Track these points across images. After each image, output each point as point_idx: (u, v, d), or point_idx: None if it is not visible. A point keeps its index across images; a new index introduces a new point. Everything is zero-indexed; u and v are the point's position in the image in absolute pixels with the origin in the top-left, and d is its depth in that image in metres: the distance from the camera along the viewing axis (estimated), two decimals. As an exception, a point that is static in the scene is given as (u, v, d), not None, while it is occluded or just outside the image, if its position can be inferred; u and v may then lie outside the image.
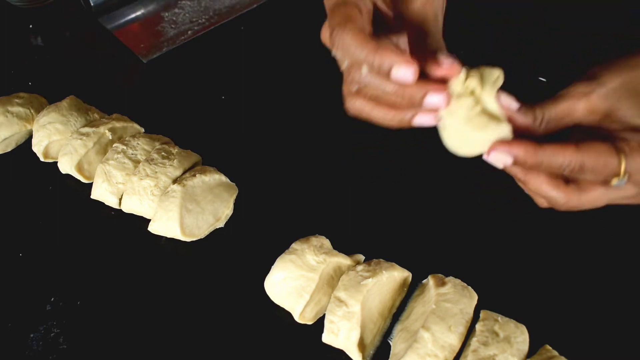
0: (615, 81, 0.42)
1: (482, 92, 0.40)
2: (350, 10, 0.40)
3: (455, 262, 0.53)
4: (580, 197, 0.41)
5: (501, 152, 0.39)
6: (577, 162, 0.39)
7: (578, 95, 0.42)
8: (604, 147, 0.39)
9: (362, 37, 0.38)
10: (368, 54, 0.38)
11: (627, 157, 0.39)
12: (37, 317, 0.52)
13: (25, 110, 0.66)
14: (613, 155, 0.39)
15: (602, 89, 0.42)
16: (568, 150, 0.39)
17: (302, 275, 0.50)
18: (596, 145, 0.39)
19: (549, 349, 0.46)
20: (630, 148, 0.39)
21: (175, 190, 0.57)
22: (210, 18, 0.85)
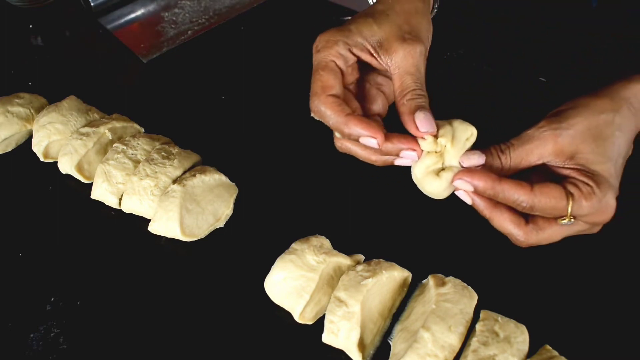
0: (582, 124, 0.45)
1: (450, 151, 0.45)
2: (326, 77, 0.46)
3: (455, 262, 0.53)
4: (538, 235, 0.45)
5: (464, 181, 0.44)
6: (529, 203, 0.43)
7: (546, 138, 0.45)
8: (555, 193, 0.43)
9: (335, 108, 0.45)
10: (339, 125, 0.45)
11: (574, 203, 0.43)
12: (37, 317, 0.52)
13: (25, 110, 0.66)
14: (562, 201, 0.43)
15: (569, 132, 0.45)
16: (524, 189, 0.43)
17: (302, 275, 0.50)
18: (549, 190, 0.43)
19: (549, 349, 0.46)
20: (579, 194, 0.43)
21: (175, 190, 0.57)
22: (210, 18, 0.85)
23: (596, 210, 0.44)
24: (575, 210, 0.43)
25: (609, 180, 0.44)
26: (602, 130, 0.45)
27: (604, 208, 0.44)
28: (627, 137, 0.47)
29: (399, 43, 0.47)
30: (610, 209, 0.44)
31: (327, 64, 0.47)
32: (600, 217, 0.45)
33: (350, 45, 0.48)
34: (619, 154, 0.46)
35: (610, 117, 0.46)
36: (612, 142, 0.45)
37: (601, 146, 0.45)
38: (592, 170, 0.44)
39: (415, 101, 0.45)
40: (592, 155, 0.44)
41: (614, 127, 0.45)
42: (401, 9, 0.49)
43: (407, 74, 0.47)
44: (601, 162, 0.44)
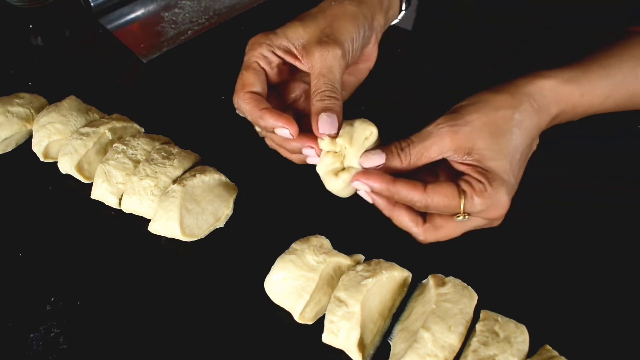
0: (478, 121, 0.46)
1: (350, 151, 0.46)
2: (247, 76, 0.50)
3: (455, 262, 0.53)
4: (436, 233, 0.47)
5: (361, 182, 0.45)
6: (423, 202, 0.44)
7: (443, 134, 0.45)
8: (448, 191, 0.44)
9: (252, 103, 0.48)
10: (255, 118, 0.48)
11: (466, 200, 0.44)
12: (37, 317, 0.52)
13: (26, 110, 0.66)
14: (455, 199, 0.44)
15: (465, 128, 0.45)
16: (417, 190, 0.44)
17: (302, 275, 0.50)
18: (441, 189, 0.44)
19: (549, 349, 0.46)
20: (471, 192, 0.44)
21: (175, 190, 0.57)
22: (210, 18, 0.85)
23: (488, 206, 0.45)
24: (468, 207, 0.44)
25: (502, 177, 0.45)
26: (499, 127, 0.46)
27: (496, 204, 0.45)
28: (528, 133, 0.47)
29: (316, 45, 0.49)
30: (502, 205, 0.45)
31: (250, 64, 0.50)
32: (493, 212, 0.45)
33: (274, 47, 0.50)
34: (515, 150, 0.46)
35: (509, 114, 0.46)
36: (509, 138, 0.46)
37: (497, 143, 0.45)
38: (486, 166, 0.45)
39: (323, 102, 0.47)
40: (487, 151, 0.45)
41: (512, 123, 0.46)
42: (330, 13, 0.51)
43: (320, 75, 0.48)
44: (496, 159, 0.45)
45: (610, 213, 0.59)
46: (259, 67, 0.50)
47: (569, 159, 0.64)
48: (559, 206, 0.59)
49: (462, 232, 0.48)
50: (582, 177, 0.62)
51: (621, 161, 0.64)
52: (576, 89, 0.49)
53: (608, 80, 0.50)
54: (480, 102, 0.47)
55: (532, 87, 0.48)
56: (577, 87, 0.49)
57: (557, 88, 0.48)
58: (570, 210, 0.59)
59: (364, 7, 0.53)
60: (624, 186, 0.61)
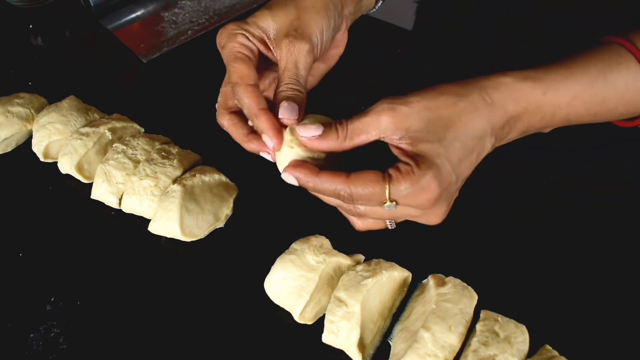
0: (419, 104, 0.44)
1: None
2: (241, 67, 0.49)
3: (455, 262, 0.53)
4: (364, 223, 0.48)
5: (287, 174, 0.46)
6: (347, 191, 0.43)
7: (381, 111, 0.44)
8: (372, 177, 0.42)
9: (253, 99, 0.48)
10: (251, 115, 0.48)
11: (392, 185, 0.42)
12: (37, 317, 0.52)
13: (26, 110, 0.66)
14: (379, 185, 0.42)
15: (405, 107, 0.44)
16: (339, 178, 0.43)
17: (302, 275, 0.50)
18: (365, 175, 0.43)
19: (549, 349, 0.46)
20: (397, 175, 0.43)
21: (175, 190, 0.57)
22: (210, 18, 0.85)
23: (415, 190, 0.42)
24: (393, 192, 0.42)
25: (434, 160, 0.42)
26: (438, 111, 0.44)
27: (423, 187, 0.42)
28: (474, 125, 0.45)
29: (283, 38, 0.50)
30: (430, 190, 0.42)
31: (236, 55, 0.50)
32: (420, 197, 0.43)
33: (250, 36, 0.50)
34: (455, 138, 0.44)
35: (452, 100, 0.45)
36: (447, 124, 0.44)
37: (433, 126, 0.43)
38: (417, 149, 0.43)
39: (286, 93, 0.48)
40: (422, 133, 0.43)
41: (454, 110, 0.44)
42: (300, 3, 0.51)
43: (286, 69, 0.49)
44: (429, 141, 0.43)
45: (610, 213, 0.59)
46: (245, 57, 0.50)
47: (569, 159, 0.64)
48: (559, 206, 0.59)
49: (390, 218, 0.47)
50: (582, 177, 0.62)
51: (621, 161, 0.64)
52: (537, 87, 0.48)
53: (572, 81, 0.49)
54: (429, 89, 0.46)
55: (486, 81, 0.47)
56: (539, 84, 0.48)
57: (515, 84, 0.47)
58: (570, 210, 0.59)
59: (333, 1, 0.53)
60: (624, 186, 0.61)
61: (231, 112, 0.52)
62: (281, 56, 0.50)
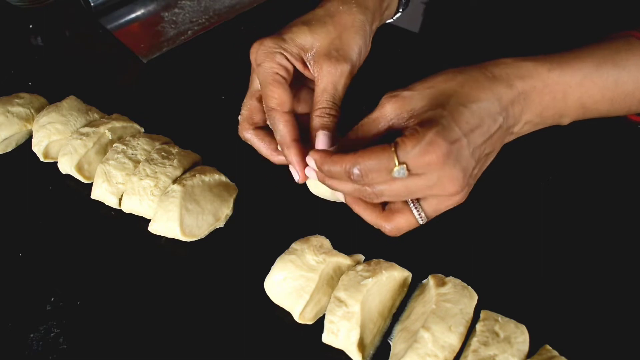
0: (420, 85, 0.44)
1: None
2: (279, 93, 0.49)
3: (455, 262, 0.53)
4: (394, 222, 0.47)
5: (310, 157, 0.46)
6: (355, 165, 0.42)
7: (385, 100, 0.44)
8: (378, 147, 0.42)
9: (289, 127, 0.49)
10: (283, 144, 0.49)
11: (398, 149, 0.41)
12: (37, 317, 0.52)
13: (26, 110, 0.66)
14: (386, 151, 0.41)
15: (405, 92, 0.44)
16: (348, 156, 0.43)
17: (301, 276, 0.50)
18: (372, 147, 0.42)
19: (549, 349, 0.46)
20: (402, 140, 0.41)
21: (175, 190, 0.57)
22: (210, 18, 0.85)
23: (420, 148, 0.41)
24: (401, 155, 0.41)
25: (437, 120, 0.42)
26: (439, 87, 0.44)
27: (429, 143, 0.41)
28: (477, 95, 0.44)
29: (325, 59, 0.49)
30: (437, 144, 0.41)
31: (274, 77, 0.49)
32: (428, 155, 0.41)
33: (288, 55, 0.50)
34: (458, 102, 0.43)
35: (452, 75, 0.45)
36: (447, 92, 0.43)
37: (436, 99, 0.43)
38: (422, 118, 0.42)
39: (322, 119, 0.49)
40: (426, 107, 0.43)
41: (455, 82, 0.44)
42: (339, 20, 0.51)
43: (325, 91, 0.49)
44: (432, 109, 0.43)
45: (611, 213, 0.59)
46: (282, 80, 0.50)
47: (570, 159, 0.64)
48: (559, 206, 0.59)
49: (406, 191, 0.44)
50: (582, 177, 0.62)
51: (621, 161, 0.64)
52: (540, 64, 0.46)
53: (579, 62, 0.47)
54: (430, 76, 0.46)
55: (487, 63, 0.46)
56: (541, 62, 0.46)
57: (516, 62, 0.46)
58: (570, 210, 0.59)
59: (369, 13, 0.53)
60: (624, 186, 0.61)
61: (256, 127, 0.52)
62: (320, 77, 0.49)
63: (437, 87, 0.44)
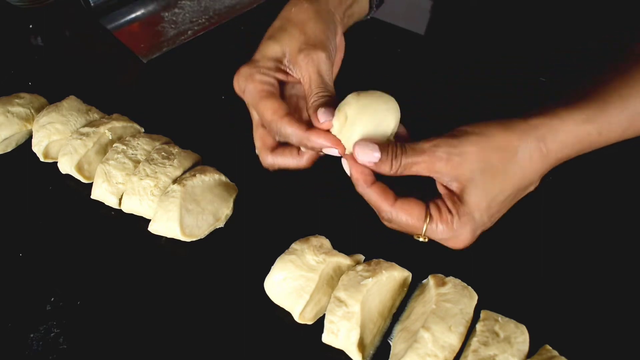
0: (476, 155, 0.44)
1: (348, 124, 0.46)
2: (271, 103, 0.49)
3: (455, 262, 0.53)
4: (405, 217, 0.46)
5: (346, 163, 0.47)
6: (389, 215, 0.45)
7: (436, 157, 0.45)
8: (416, 211, 0.45)
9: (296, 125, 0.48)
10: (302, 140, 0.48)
11: (430, 225, 0.45)
12: (37, 317, 0.52)
13: (26, 110, 0.66)
14: (420, 220, 0.45)
15: (459, 158, 0.44)
16: (387, 201, 0.45)
17: (301, 276, 0.50)
18: (410, 207, 0.45)
19: (549, 349, 0.46)
20: (437, 218, 0.45)
21: (175, 190, 0.57)
22: (210, 18, 0.85)
23: (449, 237, 0.45)
24: (429, 232, 0.45)
25: (473, 214, 0.45)
26: (493, 166, 0.44)
27: (457, 237, 0.45)
28: (524, 177, 0.46)
29: (298, 55, 0.50)
30: (462, 240, 0.46)
31: (260, 94, 0.50)
32: (452, 243, 0.46)
33: (265, 70, 0.51)
34: (501, 192, 0.45)
35: (509, 156, 0.45)
36: (499, 179, 0.45)
37: (484, 181, 0.44)
38: (463, 199, 0.45)
39: (317, 102, 0.49)
40: (471, 185, 0.45)
41: (509, 165, 0.45)
42: (297, 20, 0.52)
43: (310, 80, 0.50)
44: (476, 195, 0.45)
45: (611, 213, 0.59)
46: (270, 92, 0.50)
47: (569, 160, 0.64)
48: (559, 206, 0.59)
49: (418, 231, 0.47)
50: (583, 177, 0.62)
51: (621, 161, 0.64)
52: (593, 129, 0.46)
53: (626, 114, 0.47)
54: (484, 136, 0.45)
55: (545, 129, 0.45)
56: (595, 126, 0.46)
57: (574, 131, 0.45)
58: (570, 210, 0.59)
59: (322, 5, 0.53)
60: (624, 186, 0.61)
61: (273, 150, 0.53)
62: (302, 72, 0.50)
63: (491, 162, 0.44)
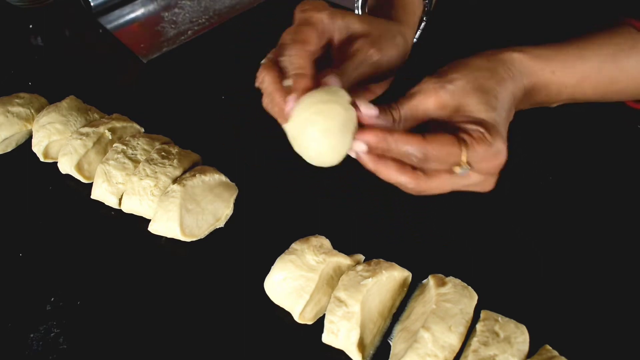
0: (462, 79, 0.45)
1: None
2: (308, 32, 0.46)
3: (455, 262, 0.53)
4: (428, 182, 0.44)
5: (358, 141, 0.42)
6: (422, 151, 0.41)
7: (428, 91, 0.44)
8: (448, 139, 0.42)
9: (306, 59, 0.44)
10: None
11: (468, 149, 0.42)
12: (37, 317, 0.52)
13: (26, 110, 0.66)
14: (455, 146, 0.42)
15: (450, 86, 0.44)
16: (415, 139, 0.41)
17: (301, 276, 0.50)
18: (441, 137, 0.42)
19: (549, 349, 0.46)
20: (471, 140, 0.42)
21: (175, 190, 0.57)
22: (210, 18, 0.85)
23: (490, 154, 0.43)
24: (470, 156, 0.42)
25: (498, 128, 0.44)
26: (482, 84, 0.45)
27: (496, 152, 0.43)
28: (506, 95, 0.46)
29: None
30: (502, 154, 0.44)
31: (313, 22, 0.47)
32: (494, 162, 0.44)
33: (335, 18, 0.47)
34: (502, 107, 0.45)
35: (488, 74, 0.46)
36: (493, 94, 0.45)
37: (483, 97, 0.44)
38: (479, 118, 0.43)
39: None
40: (476, 105, 0.44)
41: (492, 82, 0.45)
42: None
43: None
44: (486, 111, 0.44)
45: (610, 213, 0.59)
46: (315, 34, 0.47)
47: (570, 159, 0.64)
48: (559, 206, 0.59)
49: (451, 188, 0.45)
50: (583, 176, 0.62)
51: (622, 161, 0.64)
52: (546, 66, 0.48)
53: (582, 63, 0.50)
54: (460, 65, 0.46)
55: (503, 55, 0.48)
56: (547, 64, 0.49)
57: (527, 61, 0.48)
58: (570, 210, 0.59)
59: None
60: (623, 186, 0.61)
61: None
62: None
63: (478, 82, 0.45)
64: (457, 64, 0.47)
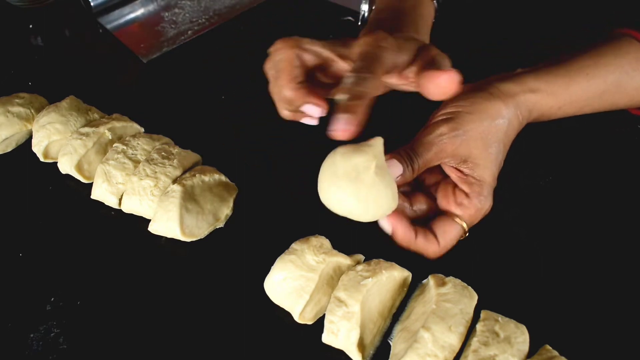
0: (477, 130, 0.47)
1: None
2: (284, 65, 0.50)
3: (455, 262, 0.53)
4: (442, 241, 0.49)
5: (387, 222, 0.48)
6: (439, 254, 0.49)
7: (445, 144, 0.47)
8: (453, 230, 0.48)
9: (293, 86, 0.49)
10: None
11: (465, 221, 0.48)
12: (37, 317, 0.52)
13: (26, 110, 0.66)
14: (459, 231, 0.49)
15: (465, 137, 0.47)
16: (433, 247, 0.48)
17: (301, 276, 0.50)
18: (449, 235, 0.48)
19: (549, 349, 0.46)
20: (463, 212, 0.48)
21: (175, 190, 0.57)
22: (210, 18, 0.85)
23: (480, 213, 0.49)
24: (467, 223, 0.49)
25: (491, 184, 0.48)
26: (492, 136, 0.47)
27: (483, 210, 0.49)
28: (509, 141, 0.50)
29: None
30: (486, 211, 0.49)
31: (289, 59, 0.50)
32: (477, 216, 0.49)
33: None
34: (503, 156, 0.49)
35: (502, 125, 0.48)
36: (496, 147, 0.48)
37: (487, 151, 0.47)
38: (478, 175, 0.47)
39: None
40: (480, 160, 0.47)
41: (502, 133, 0.48)
42: None
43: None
44: (487, 167, 0.47)
45: (610, 213, 0.59)
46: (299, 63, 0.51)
47: (570, 159, 0.64)
48: (559, 206, 0.59)
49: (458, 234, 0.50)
50: (583, 177, 0.62)
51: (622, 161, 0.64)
52: (555, 103, 0.51)
53: (587, 93, 0.51)
54: (477, 112, 0.47)
55: (521, 98, 0.49)
56: (556, 101, 0.50)
57: (539, 102, 0.50)
58: (570, 210, 0.59)
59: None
60: (623, 186, 0.61)
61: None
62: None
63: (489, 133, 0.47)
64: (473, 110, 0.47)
